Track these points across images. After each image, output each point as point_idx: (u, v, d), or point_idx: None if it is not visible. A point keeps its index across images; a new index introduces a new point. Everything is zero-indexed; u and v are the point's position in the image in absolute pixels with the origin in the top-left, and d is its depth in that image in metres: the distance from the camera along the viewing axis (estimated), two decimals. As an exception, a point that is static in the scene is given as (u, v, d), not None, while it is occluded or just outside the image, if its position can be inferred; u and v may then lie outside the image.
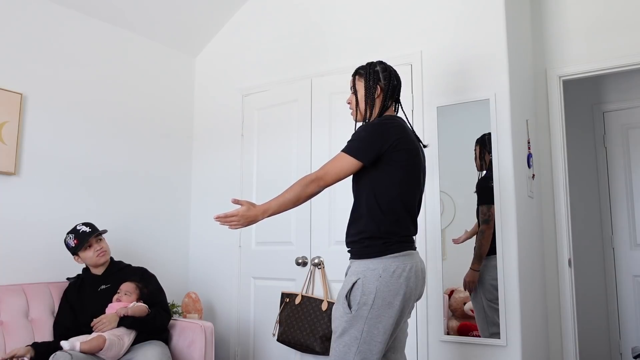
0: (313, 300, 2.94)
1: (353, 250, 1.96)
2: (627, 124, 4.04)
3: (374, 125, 1.93)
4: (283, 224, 3.28)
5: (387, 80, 2.04)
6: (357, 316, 1.83)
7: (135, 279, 2.70)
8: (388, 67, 2.08)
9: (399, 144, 1.90)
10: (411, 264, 1.89)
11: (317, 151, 3.19)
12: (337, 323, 1.87)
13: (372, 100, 2.03)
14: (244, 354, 3.35)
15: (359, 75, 2.08)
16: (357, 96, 2.07)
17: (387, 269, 1.84)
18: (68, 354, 2.27)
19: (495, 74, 2.67)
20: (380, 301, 1.82)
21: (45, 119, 2.96)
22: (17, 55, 2.85)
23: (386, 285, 1.83)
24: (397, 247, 1.88)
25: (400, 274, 1.85)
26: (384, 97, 2.03)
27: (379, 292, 1.82)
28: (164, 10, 3.43)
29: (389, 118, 1.99)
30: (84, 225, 2.69)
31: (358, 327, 1.82)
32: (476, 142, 2.69)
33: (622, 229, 3.98)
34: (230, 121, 3.64)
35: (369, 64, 2.09)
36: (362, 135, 1.91)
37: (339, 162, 1.91)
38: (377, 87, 2.03)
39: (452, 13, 2.83)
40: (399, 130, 1.93)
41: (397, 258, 1.86)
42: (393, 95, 2.06)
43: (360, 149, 1.90)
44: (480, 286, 2.61)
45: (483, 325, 2.59)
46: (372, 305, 1.82)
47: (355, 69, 2.12)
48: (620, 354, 3.90)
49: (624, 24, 2.95)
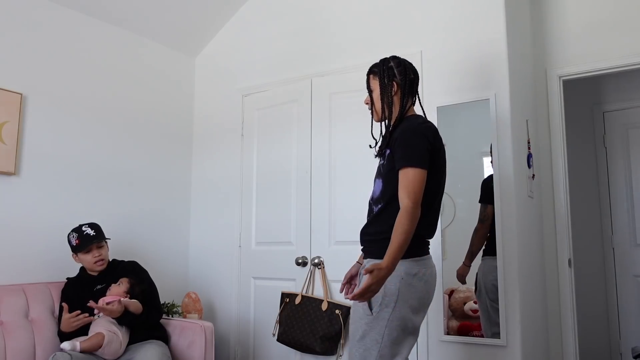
0: (313, 300, 2.94)
1: (372, 250, 1.90)
2: (627, 124, 4.04)
3: (416, 130, 1.85)
4: (283, 224, 3.28)
5: (402, 75, 1.96)
6: (378, 318, 1.77)
7: (130, 276, 2.69)
8: (402, 60, 2.00)
9: (434, 147, 1.86)
10: (431, 268, 1.87)
11: (317, 151, 3.18)
12: (357, 325, 1.82)
13: (390, 98, 1.96)
14: (244, 354, 3.35)
15: (373, 74, 2.01)
16: (372, 96, 2.01)
17: (409, 271, 1.80)
18: (68, 354, 2.27)
19: (495, 74, 2.67)
20: (402, 303, 1.77)
21: (45, 119, 2.95)
22: (17, 55, 2.85)
23: (408, 287, 1.78)
24: (420, 251, 1.85)
25: (421, 278, 1.81)
26: (402, 94, 1.96)
27: (402, 294, 1.77)
28: (163, 11, 3.42)
29: (422, 120, 1.93)
30: (89, 227, 2.68)
31: (379, 330, 1.76)
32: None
33: (622, 229, 3.98)
34: (230, 121, 3.64)
35: (382, 60, 2.02)
36: (413, 142, 1.83)
37: (413, 177, 1.78)
38: (393, 84, 1.96)
39: (452, 13, 2.83)
40: (435, 133, 1.89)
41: (419, 262, 1.83)
42: (411, 89, 1.99)
43: (421, 157, 1.81)
44: (484, 286, 2.62)
45: (486, 325, 2.60)
46: (394, 308, 1.77)
47: (369, 67, 2.05)
48: (620, 354, 3.90)
49: (624, 24, 2.95)
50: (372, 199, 1.98)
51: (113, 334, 2.44)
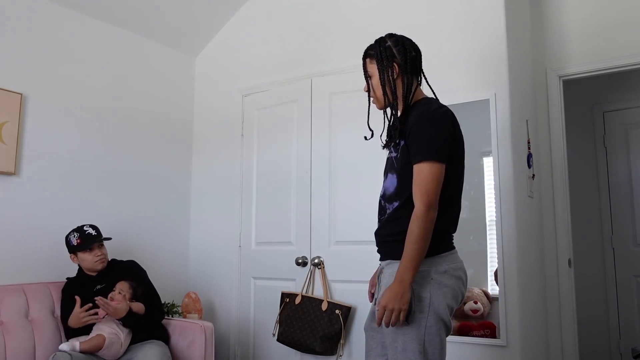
0: (313, 300, 2.94)
1: (391, 251, 1.74)
2: (627, 124, 4.04)
3: (432, 117, 1.67)
4: (283, 224, 3.28)
5: (402, 55, 1.76)
6: (413, 326, 1.61)
7: (129, 278, 2.69)
8: (400, 38, 1.80)
9: (454, 136, 1.70)
10: (460, 262, 1.73)
11: (317, 151, 3.18)
12: (394, 336, 1.64)
13: (391, 82, 1.75)
14: (244, 354, 3.35)
15: (370, 57, 1.80)
16: (372, 82, 1.80)
17: (438, 269, 1.66)
18: (68, 354, 2.27)
19: (495, 74, 2.67)
20: (437, 305, 1.63)
21: (45, 119, 2.95)
22: (17, 55, 2.85)
23: (439, 287, 1.64)
24: (445, 246, 1.71)
25: (452, 274, 1.67)
26: (405, 75, 1.75)
27: (434, 296, 1.63)
28: (164, 10, 3.42)
29: (436, 104, 1.73)
30: (90, 228, 2.69)
31: (419, 339, 1.61)
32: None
33: (622, 229, 3.98)
34: (230, 121, 3.64)
35: (377, 41, 1.80)
36: (429, 132, 1.65)
37: (429, 174, 1.62)
38: (393, 66, 1.75)
39: (452, 13, 2.83)
40: (453, 118, 1.71)
41: (446, 258, 1.69)
42: (414, 68, 1.78)
43: (438, 149, 1.63)
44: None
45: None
46: (429, 312, 1.62)
47: (364, 50, 1.84)
48: (620, 354, 3.90)
49: (624, 24, 2.95)
50: (384, 196, 1.80)
51: (114, 335, 2.43)
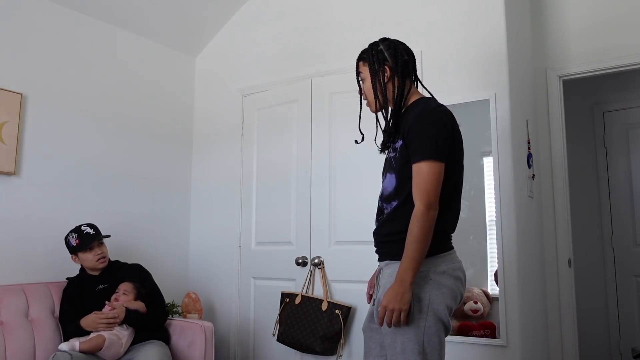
0: (313, 300, 2.94)
1: (389, 251, 1.75)
2: (627, 124, 4.04)
3: (430, 116, 1.69)
4: (283, 224, 3.28)
5: (393, 58, 1.78)
6: (412, 327, 1.62)
7: (133, 279, 2.70)
8: (393, 42, 1.83)
9: (453, 135, 1.71)
10: (458, 262, 1.74)
11: (317, 151, 3.18)
12: (393, 337, 1.64)
13: (382, 85, 1.78)
14: (244, 354, 3.34)
15: (363, 61, 1.84)
16: (364, 85, 1.84)
17: (437, 269, 1.67)
18: (68, 354, 2.27)
19: (495, 73, 2.67)
20: (436, 306, 1.64)
21: (45, 119, 2.95)
22: (17, 55, 2.85)
23: (438, 287, 1.65)
24: (444, 246, 1.72)
25: (451, 274, 1.68)
26: (396, 78, 1.78)
27: (433, 296, 1.64)
28: (164, 10, 3.42)
29: (434, 104, 1.76)
30: (88, 227, 2.69)
31: (418, 340, 1.61)
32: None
33: (622, 229, 3.98)
34: (230, 121, 3.64)
35: (371, 45, 1.85)
36: (428, 131, 1.66)
37: (428, 174, 1.63)
38: (384, 69, 1.79)
39: (452, 13, 2.83)
40: (451, 117, 1.73)
41: (445, 258, 1.70)
42: (406, 71, 1.80)
43: (437, 148, 1.64)
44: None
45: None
46: (428, 313, 1.62)
47: (359, 53, 1.88)
48: (620, 354, 3.90)
49: (624, 24, 2.95)
50: (383, 196, 1.82)
51: (114, 335, 2.43)
